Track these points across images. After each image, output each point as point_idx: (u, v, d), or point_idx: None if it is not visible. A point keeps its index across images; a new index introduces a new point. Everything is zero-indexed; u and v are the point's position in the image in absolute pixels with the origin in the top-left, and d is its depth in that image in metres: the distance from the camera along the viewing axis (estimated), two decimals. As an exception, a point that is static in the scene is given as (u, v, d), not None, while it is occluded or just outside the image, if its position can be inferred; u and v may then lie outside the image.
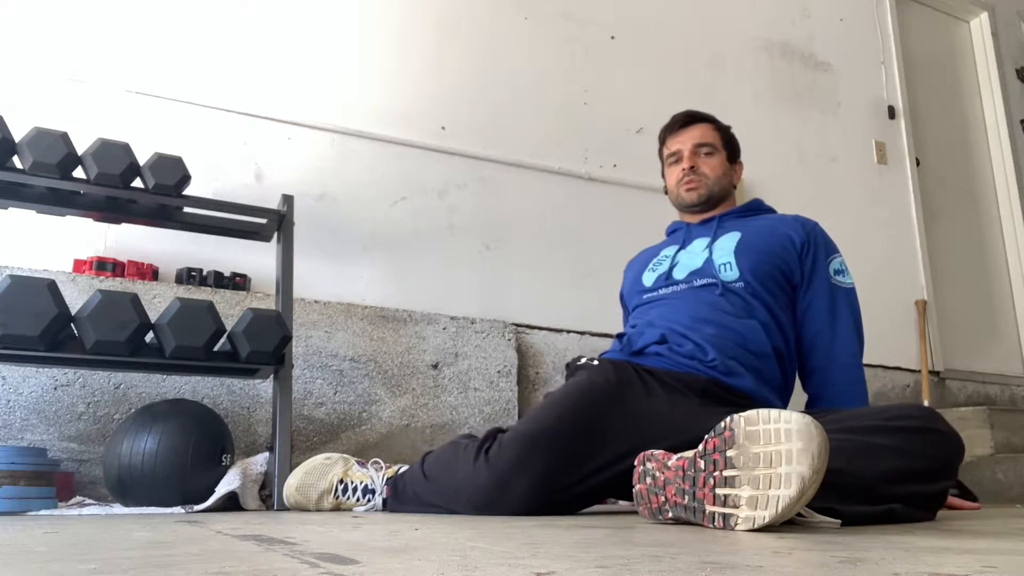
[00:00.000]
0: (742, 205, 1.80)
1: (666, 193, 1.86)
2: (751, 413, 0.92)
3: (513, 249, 2.62)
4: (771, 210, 1.82)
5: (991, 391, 3.52)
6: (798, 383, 1.69)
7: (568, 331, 2.59)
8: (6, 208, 1.82)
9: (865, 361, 1.77)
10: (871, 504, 1.06)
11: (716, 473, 0.93)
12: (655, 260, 1.78)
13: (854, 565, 0.54)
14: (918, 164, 3.66)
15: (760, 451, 0.89)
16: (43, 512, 1.47)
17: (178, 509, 1.58)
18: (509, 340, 2.43)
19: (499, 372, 2.38)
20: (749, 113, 3.24)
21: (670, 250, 1.76)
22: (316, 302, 2.21)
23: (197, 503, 1.61)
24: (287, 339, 1.77)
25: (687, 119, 1.82)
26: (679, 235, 1.79)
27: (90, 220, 1.96)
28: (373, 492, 1.56)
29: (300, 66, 2.42)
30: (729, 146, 1.82)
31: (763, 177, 3.17)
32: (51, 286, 1.55)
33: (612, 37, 2.99)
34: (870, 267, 3.33)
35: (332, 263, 2.33)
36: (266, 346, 1.73)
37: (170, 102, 2.21)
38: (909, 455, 1.13)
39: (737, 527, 0.89)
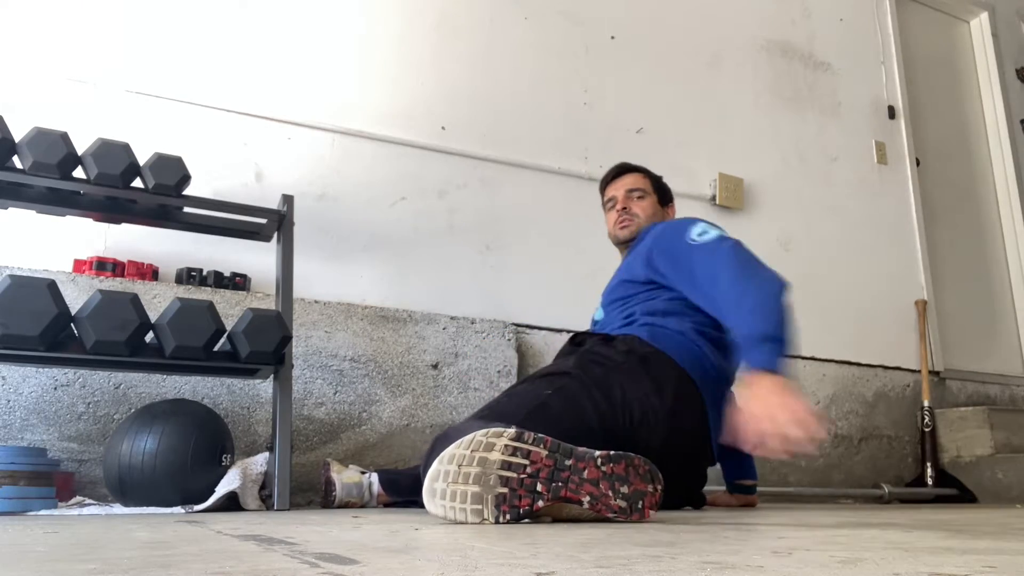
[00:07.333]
0: (638, 235, 1.90)
1: (609, 238, 2.02)
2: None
3: (513, 249, 2.62)
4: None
5: (991, 391, 3.52)
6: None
7: (568, 331, 2.59)
8: (6, 208, 1.82)
9: (866, 361, 1.76)
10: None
11: None
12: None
13: (854, 565, 0.54)
14: (918, 164, 3.66)
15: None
16: (43, 512, 1.47)
17: (178, 509, 1.58)
18: (509, 340, 2.43)
19: (499, 372, 2.38)
20: (749, 113, 3.24)
21: None
22: (316, 302, 2.21)
23: (197, 503, 1.61)
24: (287, 339, 1.77)
25: (620, 170, 2.02)
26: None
27: (90, 220, 1.96)
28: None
29: (300, 66, 2.42)
30: (660, 191, 2.00)
31: (763, 177, 3.18)
32: (51, 286, 1.54)
33: (612, 37, 2.99)
34: (870, 267, 3.33)
35: (332, 263, 2.33)
36: (266, 346, 1.73)
37: (170, 102, 2.21)
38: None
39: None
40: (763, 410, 1.24)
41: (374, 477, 1.80)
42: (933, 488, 2.97)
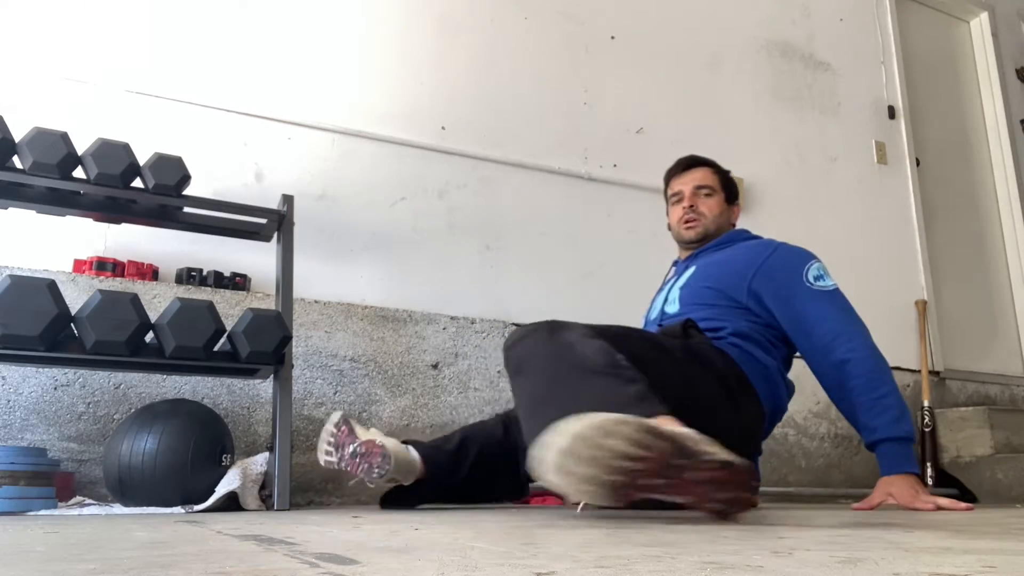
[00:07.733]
0: (720, 237, 1.87)
1: (669, 230, 1.96)
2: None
3: (513, 249, 2.62)
4: (751, 238, 1.87)
5: (991, 391, 3.52)
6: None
7: (568, 331, 2.59)
8: (6, 208, 1.83)
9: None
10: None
11: None
12: (657, 297, 1.92)
13: (854, 565, 0.54)
14: (918, 164, 3.66)
15: None
16: (43, 512, 1.47)
17: (178, 509, 1.58)
18: (509, 340, 2.43)
19: (499, 372, 2.38)
20: (749, 113, 3.24)
21: (666, 288, 1.90)
22: (316, 302, 2.21)
23: (197, 503, 1.61)
24: (287, 339, 1.77)
25: (690, 163, 1.96)
26: (675, 271, 1.93)
27: (90, 220, 1.96)
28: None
29: (300, 66, 2.42)
30: (727, 188, 1.94)
31: (763, 177, 3.18)
32: (51, 286, 1.55)
33: (612, 37, 2.99)
34: (870, 267, 3.33)
35: (332, 263, 2.33)
36: (266, 346, 1.73)
37: (170, 102, 2.22)
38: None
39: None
40: (907, 503, 1.53)
41: (413, 452, 1.65)
42: (933, 488, 2.96)
